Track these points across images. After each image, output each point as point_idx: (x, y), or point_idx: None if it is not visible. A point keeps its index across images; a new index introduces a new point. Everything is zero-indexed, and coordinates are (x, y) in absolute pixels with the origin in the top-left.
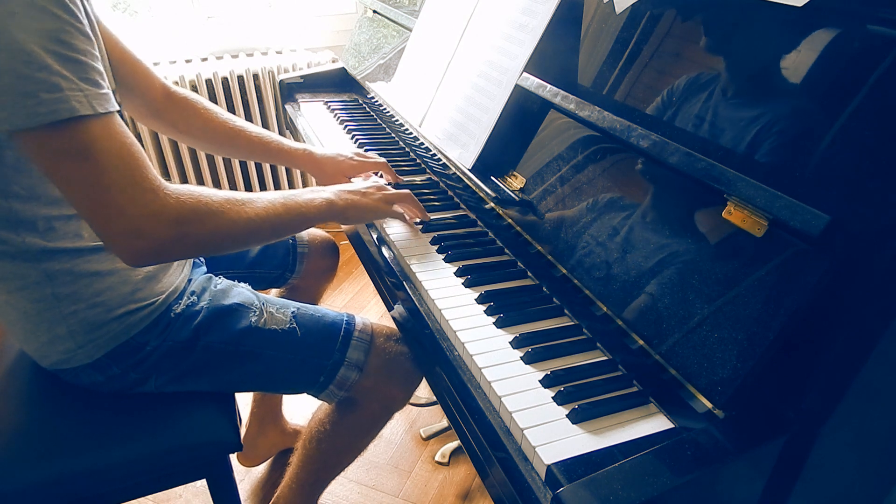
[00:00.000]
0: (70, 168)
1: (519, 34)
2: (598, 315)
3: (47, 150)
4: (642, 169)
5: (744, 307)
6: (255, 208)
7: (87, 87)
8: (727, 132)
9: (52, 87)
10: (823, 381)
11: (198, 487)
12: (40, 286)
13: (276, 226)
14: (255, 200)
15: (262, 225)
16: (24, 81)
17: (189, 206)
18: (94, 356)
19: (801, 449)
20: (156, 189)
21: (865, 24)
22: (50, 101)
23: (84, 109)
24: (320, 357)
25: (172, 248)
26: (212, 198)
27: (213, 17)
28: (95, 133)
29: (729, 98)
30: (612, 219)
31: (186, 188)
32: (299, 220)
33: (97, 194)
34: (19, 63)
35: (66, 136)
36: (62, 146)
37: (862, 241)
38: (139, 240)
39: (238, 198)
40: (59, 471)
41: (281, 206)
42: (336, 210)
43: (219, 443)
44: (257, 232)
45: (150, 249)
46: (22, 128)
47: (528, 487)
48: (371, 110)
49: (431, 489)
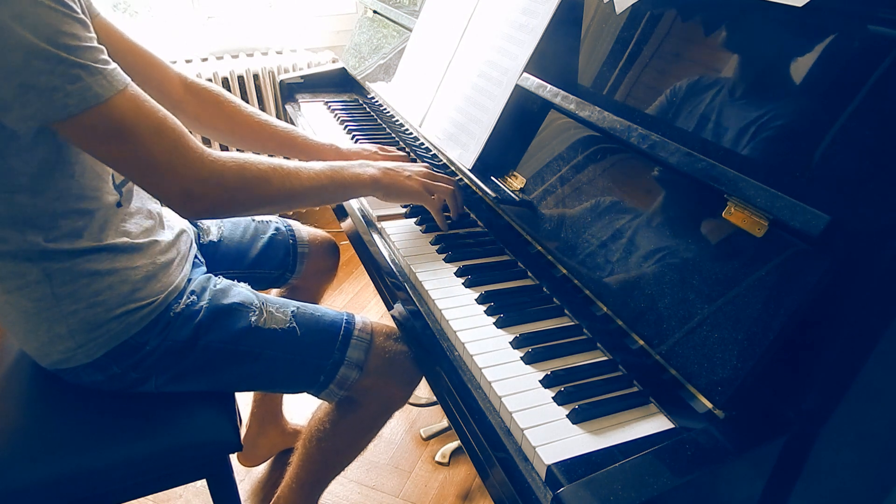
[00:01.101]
0: (113, 149)
1: (519, 34)
2: (599, 315)
3: (86, 136)
4: (642, 169)
5: (744, 307)
6: (300, 178)
7: (102, 67)
8: (727, 132)
9: (73, 77)
10: (823, 381)
11: (198, 487)
12: (40, 285)
13: (322, 194)
14: (301, 169)
15: (307, 192)
16: (47, 77)
17: (234, 171)
18: (94, 355)
19: (801, 449)
20: (201, 156)
21: (865, 24)
22: (76, 92)
23: (107, 91)
24: (320, 356)
25: (223, 207)
26: (258, 165)
27: (214, 18)
28: (124, 110)
29: (728, 98)
30: (613, 219)
31: (230, 155)
32: (343, 191)
33: (146, 167)
34: (38, 61)
35: (99, 122)
36: (98, 131)
37: (862, 241)
38: (193, 201)
39: (284, 166)
40: (59, 471)
41: (327, 179)
42: (380, 185)
43: (219, 443)
44: (302, 198)
45: (203, 209)
46: (55, 120)
47: (529, 487)
48: (371, 110)
49: (431, 489)
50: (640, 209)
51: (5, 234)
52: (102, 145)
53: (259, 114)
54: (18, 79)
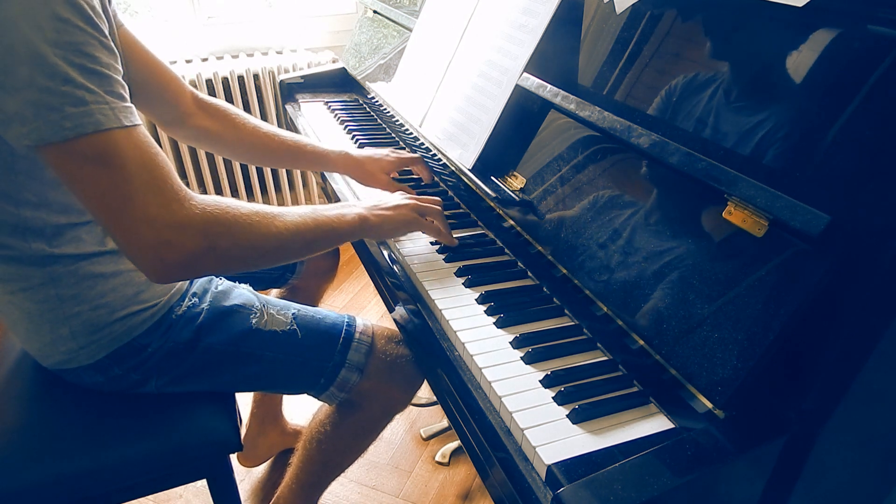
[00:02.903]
0: (93, 178)
1: (519, 34)
2: (599, 315)
3: (71, 160)
4: (643, 169)
5: (744, 307)
6: (284, 221)
7: (113, 100)
8: (727, 132)
9: (77, 100)
10: (824, 381)
11: (198, 487)
12: (44, 288)
13: (308, 240)
14: (285, 214)
15: (293, 239)
16: (49, 95)
17: (216, 216)
18: (96, 357)
19: (801, 449)
20: (181, 199)
21: (865, 24)
22: (76, 115)
23: (110, 122)
24: (321, 358)
25: (201, 260)
26: (240, 209)
27: (214, 18)
28: (120, 143)
29: (729, 98)
30: (613, 219)
31: (213, 199)
32: (331, 235)
33: (122, 204)
34: (43, 77)
35: (90, 146)
36: (86, 155)
37: (862, 241)
38: (167, 251)
39: (267, 211)
40: (59, 471)
41: (311, 221)
42: (368, 225)
43: (219, 443)
44: (287, 246)
45: (177, 262)
46: (48, 142)
47: (529, 487)
48: (371, 110)
49: (432, 489)
50: (640, 209)
51: (10, 242)
52: (82, 171)
53: (265, 125)
54: (24, 94)
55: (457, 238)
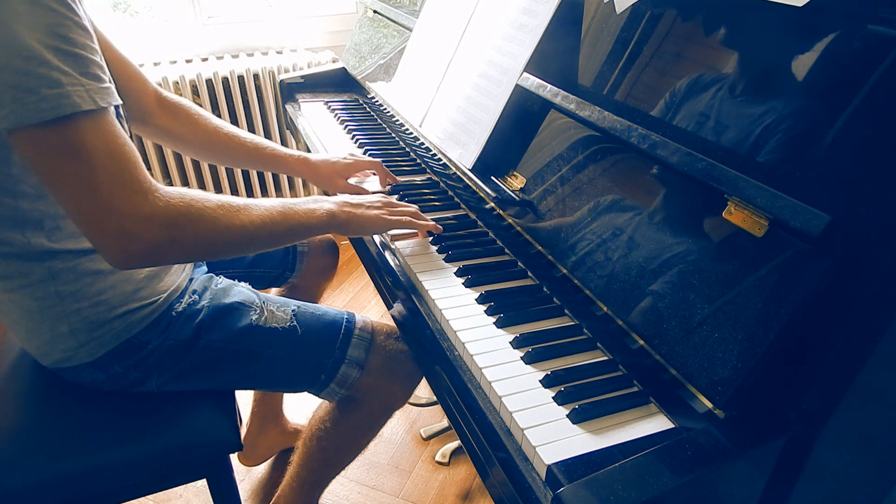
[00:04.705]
0: (60, 167)
1: (519, 34)
2: (599, 315)
3: (43, 147)
4: (643, 169)
5: (744, 307)
6: (250, 215)
7: (88, 81)
8: (727, 132)
9: (53, 82)
10: (824, 381)
11: (198, 487)
12: (44, 284)
13: (274, 234)
14: (251, 207)
15: (258, 232)
16: (25, 77)
17: (180, 209)
18: (96, 355)
19: (801, 449)
20: (146, 191)
21: (865, 24)
22: (52, 97)
23: (86, 105)
24: (321, 355)
25: (163, 251)
26: (205, 202)
27: (214, 18)
28: (88, 133)
29: (729, 98)
30: (613, 219)
31: (178, 191)
32: (298, 229)
33: (87, 195)
34: (19, 59)
35: (61, 133)
36: (56, 143)
37: (862, 241)
38: (129, 242)
39: (233, 203)
40: (59, 470)
41: (279, 215)
42: (338, 222)
43: (219, 442)
44: (253, 239)
45: (139, 252)
46: (24, 124)
47: (529, 487)
48: (371, 110)
49: (432, 489)
50: (641, 209)
51: (9, 237)
52: (50, 159)
53: (227, 126)
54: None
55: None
